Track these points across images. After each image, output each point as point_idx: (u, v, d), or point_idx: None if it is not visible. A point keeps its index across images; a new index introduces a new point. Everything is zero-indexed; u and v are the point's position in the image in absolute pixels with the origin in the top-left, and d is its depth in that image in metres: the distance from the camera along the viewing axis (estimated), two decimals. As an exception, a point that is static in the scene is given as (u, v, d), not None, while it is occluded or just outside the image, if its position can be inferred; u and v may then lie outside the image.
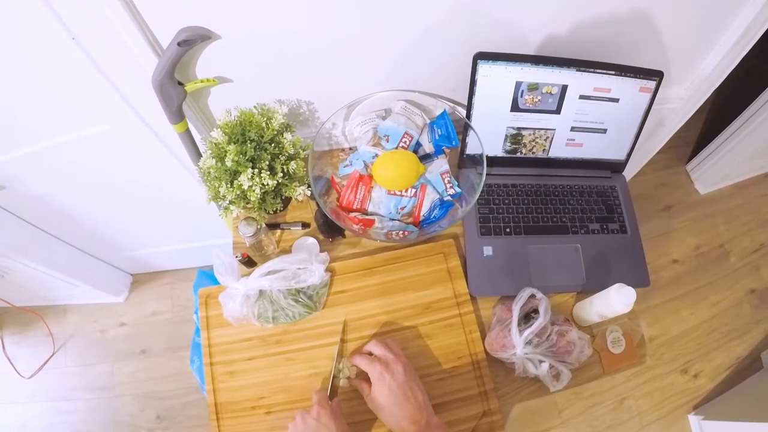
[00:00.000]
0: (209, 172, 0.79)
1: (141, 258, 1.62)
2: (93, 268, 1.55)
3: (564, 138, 0.95)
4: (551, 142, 0.95)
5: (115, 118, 0.89)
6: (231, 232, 0.96)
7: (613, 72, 0.87)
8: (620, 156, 1.00)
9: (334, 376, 0.76)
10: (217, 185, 0.78)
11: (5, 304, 1.48)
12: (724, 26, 0.93)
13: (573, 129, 0.93)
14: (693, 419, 1.60)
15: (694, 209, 1.96)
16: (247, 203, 0.79)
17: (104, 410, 1.58)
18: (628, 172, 1.55)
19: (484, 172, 0.81)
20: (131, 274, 1.75)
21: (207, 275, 1.45)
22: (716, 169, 1.91)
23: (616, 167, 1.01)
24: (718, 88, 1.08)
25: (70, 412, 1.58)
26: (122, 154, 1.02)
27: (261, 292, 0.79)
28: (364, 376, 0.71)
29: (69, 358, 1.64)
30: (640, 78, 0.88)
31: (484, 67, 0.83)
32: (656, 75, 0.88)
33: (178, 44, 0.67)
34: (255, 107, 0.81)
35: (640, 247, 0.94)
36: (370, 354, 0.72)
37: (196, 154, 0.87)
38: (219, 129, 0.77)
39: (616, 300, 0.72)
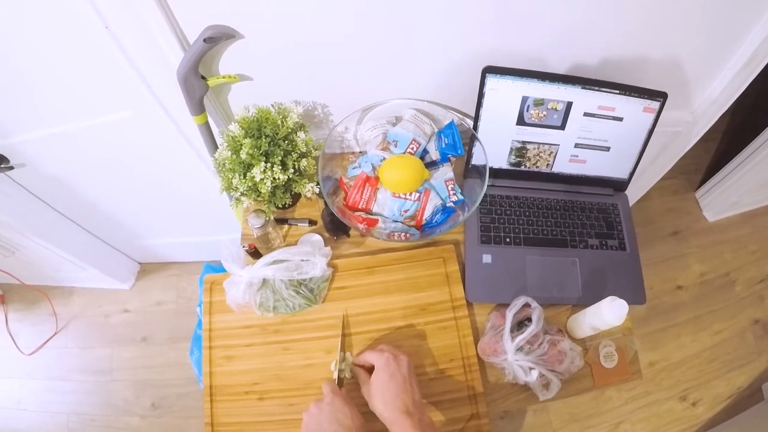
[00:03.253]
0: (224, 164, 0.84)
1: (150, 247, 1.67)
2: (103, 254, 1.60)
3: (568, 154, 0.98)
4: (555, 157, 0.99)
5: (138, 105, 0.94)
6: (240, 224, 1.00)
7: (617, 91, 0.90)
8: (623, 175, 1.03)
9: (340, 369, 0.79)
10: (230, 176, 0.83)
11: (13, 280, 1.54)
12: (730, 52, 0.96)
13: (577, 145, 0.97)
14: None
15: (702, 236, 1.98)
16: (258, 196, 0.83)
17: (100, 393, 1.62)
18: (634, 194, 1.59)
19: (486, 183, 0.85)
20: (139, 263, 1.81)
21: (214, 269, 1.50)
22: (725, 197, 1.93)
23: (618, 185, 1.04)
24: (730, 116, 1.11)
25: (66, 392, 1.63)
26: (142, 143, 1.07)
27: (264, 282, 0.83)
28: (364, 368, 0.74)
29: (70, 339, 1.69)
30: (644, 98, 0.91)
31: (492, 81, 0.87)
32: (660, 96, 0.92)
33: (204, 40, 0.73)
34: (272, 105, 0.86)
35: (637, 264, 0.97)
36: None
37: (213, 146, 0.92)
38: (237, 123, 0.81)
39: (608, 312, 0.74)
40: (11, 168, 1.12)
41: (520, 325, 0.82)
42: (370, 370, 0.72)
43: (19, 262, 1.47)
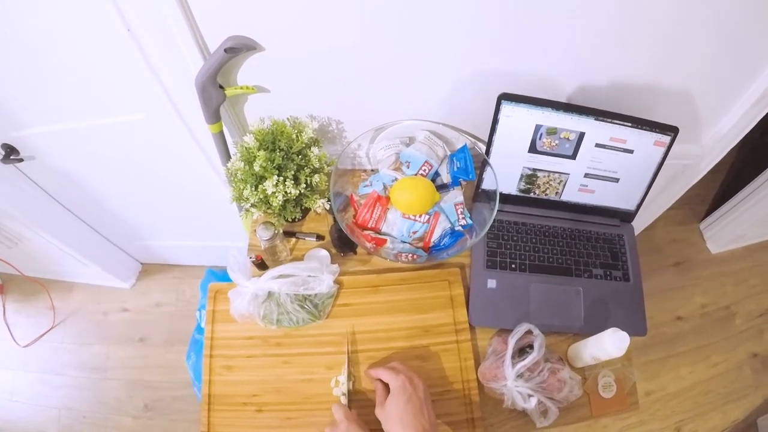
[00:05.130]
0: (236, 174, 0.85)
1: (153, 248, 1.68)
2: (105, 251, 1.61)
3: (577, 183, 1.00)
4: (564, 185, 1.00)
5: (152, 109, 0.96)
6: (248, 234, 1.01)
7: (629, 124, 0.91)
8: (630, 206, 1.04)
9: (349, 391, 0.80)
10: (242, 187, 0.84)
11: (14, 271, 1.54)
12: (742, 88, 0.97)
13: (586, 175, 0.98)
14: None
15: (704, 268, 1.99)
16: (268, 208, 0.84)
17: (93, 390, 1.63)
18: (640, 224, 1.60)
19: (496, 208, 0.86)
20: (141, 263, 1.82)
21: (215, 275, 1.50)
22: (730, 230, 1.94)
23: (625, 217, 1.05)
24: (737, 149, 1.11)
25: (58, 387, 1.63)
26: (152, 145, 1.09)
27: (269, 294, 0.84)
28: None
29: (67, 334, 1.70)
30: (655, 132, 0.93)
31: (507, 108, 0.88)
32: (671, 130, 0.93)
33: (225, 50, 0.74)
34: (288, 119, 0.87)
35: (640, 296, 0.97)
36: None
37: (226, 156, 0.93)
38: (252, 134, 0.83)
39: (610, 343, 0.75)
40: (20, 160, 1.13)
41: (521, 351, 0.82)
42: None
43: (21, 253, 1.48)
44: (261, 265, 0.93)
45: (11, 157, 1.11)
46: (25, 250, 1.47)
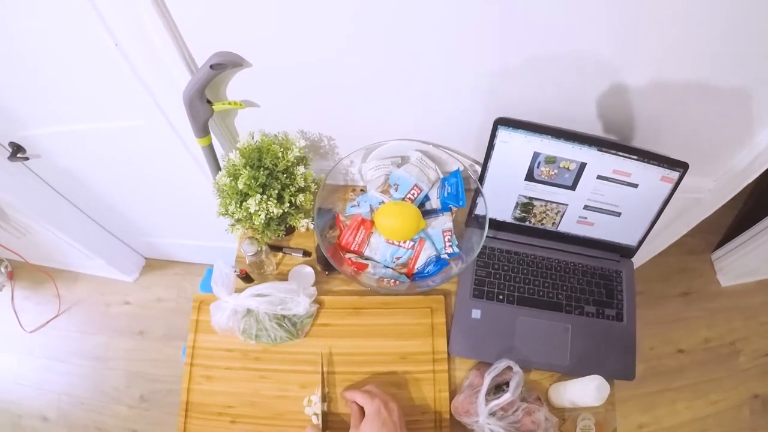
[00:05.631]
0: (223, 189, 0.83)
1: (157, 244, 1.69)
2: (110, 245, 1.63)
3: (576, 215, 0.95)
4: (562, 216, 0.95)
5: (148, 116, 0.95)
6: (237, 246, 1.00)
7: (636, 157, 0.85)
8: (632, 242, 0.99)
9: (323, 411, 0.80)
10: (228, 202, 0.82)
11: (20, 259, 1.57)
12: (760, 125, 0.90)
13: (586, 207, 0.93)
14: None
15: (712, 300, 1.90)
16: (253, 225, 0.83)
17: (93, 379, 1.65)
18: (648, 252, 1.53)
19: (484, 236, 0.82)
20: (145, 258, 1.83)
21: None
22: (743, 263, 1.85)
23: (625, 252, 1.00)
24: (757, 179, 1.04)
25: (61, 374, 1.66)
26: (152, 150, 1.08)
27: (249, 310, 0.83)
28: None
29: (71, 322, 1.72)
30: (663, 167, 0.86)
31: (503, 133, 0.84)
32: (681, 166, 0.86)
33: (211, 66, 0.72)
34: (276, 135, 0.85)
35: (632, 338, 0.92)
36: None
37: (216, 168, 0.92)
38: (238, 151, 0.81)
39: (589, 392, 0.72)
40: (27, 158, 1.14)
41: (497, 388, 0.79)
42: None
43: (29, 243, 1.50)
44: (246, 279, 0.92)
45: (18, 155, 1.12)
46: (33, 241, 1.49)
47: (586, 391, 0.72)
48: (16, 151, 1.11)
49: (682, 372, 1.74)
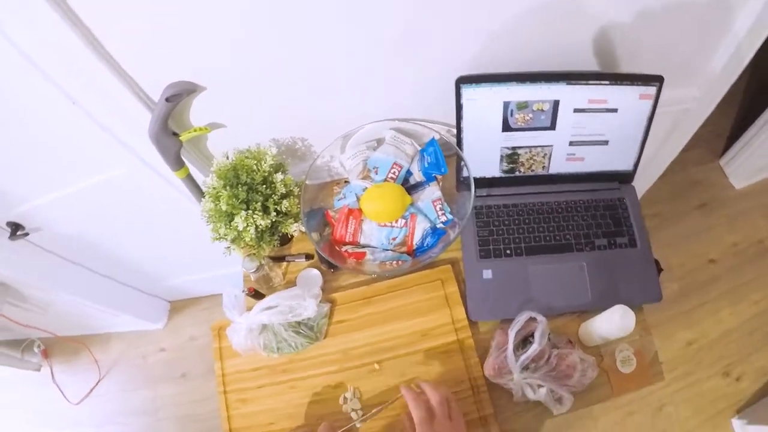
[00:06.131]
0: (210, 214, 0.82)
1: (176, 286, 1.70)
2: (131, 298, 1.64)
3: (563, 153, 0.92)
4: (550, 158, 0.92)
5: (127, 163, 0.95)
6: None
7: (607, 82, 0.83)
8: (627, 166, 0.95)
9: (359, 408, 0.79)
10: (218, 226, 0.81)
11: (49, 335, 1.59)
12: (728, 22, 0.86)
13: (572, 143, 0.90)
14: (737, 423, 1.51)
15: (730, 205, 1.84)
16: (245, 242, 0.82)
17: (147, 432, 1.66)
18: (652, 175, 1.48)
19: (473, 197, 0.80)
20: (169, 301, 1.84)
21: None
22: (752, 162, 1.79)
23: (623, 178, 0.97)
24: (748, 74, 0.99)
25: (116, 437, 1.67)
26: (140, 195, 1.08)
27: (264, 326, 0.82)
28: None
29: (113, 384, 1.74)
30: (638, 85, 0.83)
31: (468, 91, 0.82)
32: (656, 80, 0.83)
33: (167, 99, 0.72)
34: (248, 149, 0.84)
35: (650, 259, 0.89)
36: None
37: (201, 197, 0.91)
38: (213, 174, 0.80)
39: (615, 323, 0.70)
40: (27, 234, 1.15)
41: (525, 342, 0.77)
42: None
43: (54, 317, 1.52)
44: (257, 295, 0.91)
45: (18, 233, 1.13)
46: (57, 313, 1.51)
47: (611, 324, 0.70)
48: (16, 229, 1.12)
49: (717, 281, 1.69)
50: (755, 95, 1.88)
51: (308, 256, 0.94)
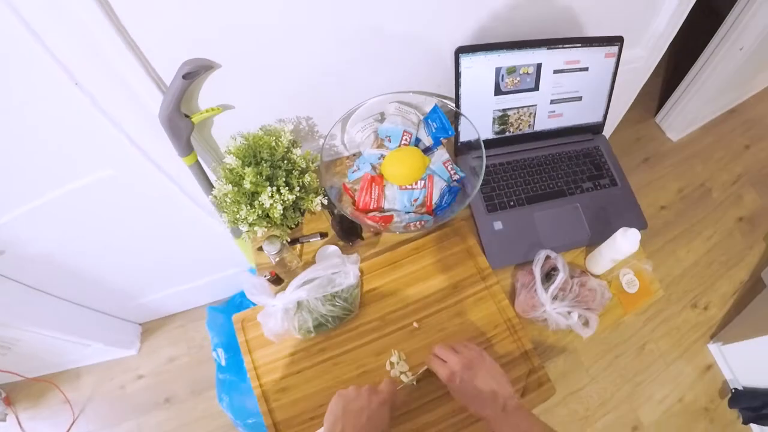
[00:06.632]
0: (225, 199, 0.85)
1: (148, 305, 1.65)
2: (101, 324, 1.57)
3: (546, 111, 1.06)
4: (535, 117, 1.06)
5: (119, 160, 0.94)
6: (249, 256, 1.02)
7: (579, 45, 0.98)
8: (598, 118, 1.12)
9: (401, 372, 0.83)
10: (235, 210, 0.84)
11: (16, 377, 1.48)
12: None
13: (552, 102, 1.05)
14: (713, 347, 1.75)
15: (671, 156, 2.13)
16: (269, 222, 0.86)
17: (137, 468, 1.60)
18: (606, 132, 1.70)
19: (484, 153, 0.90)
20: (140, 324, 1.78)
21: (219, 310, 1.51)
22: (683, 116, 2.08)
23: (595, 129, 1.13)
24: (671, 44, 1.22)
25: (103, 478, 1.59)
26: (127, 198, 1.07)
27: (298, 305, 0.85)
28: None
29: (92, 421, 1.64)
30: (603, 45, 1.00)
31: (465, 60, 0.93)
32: (617, 40, 1.01)
33: (183, 77, 0.73)
34: (260, 129, 0.88)
35: (631, 195, 1.06)
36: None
37: (207, 185, 0.93)
38: (231, 155, 0.83)
39: (623, 242, 0.82)
40: (-13, 260, 1.09)
41: (547, 276, 0.88)
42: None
43: (16, 356, 1.42)
44: (276, 281, 0.94)
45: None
46: (20, 352, 1.41)
47: (620, 244, 0.82)
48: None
49: (670, 224, 1.95)
50: (679, 57, 2.19)
51: (322, 235, 0.99)
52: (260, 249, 0.96)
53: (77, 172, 0.97)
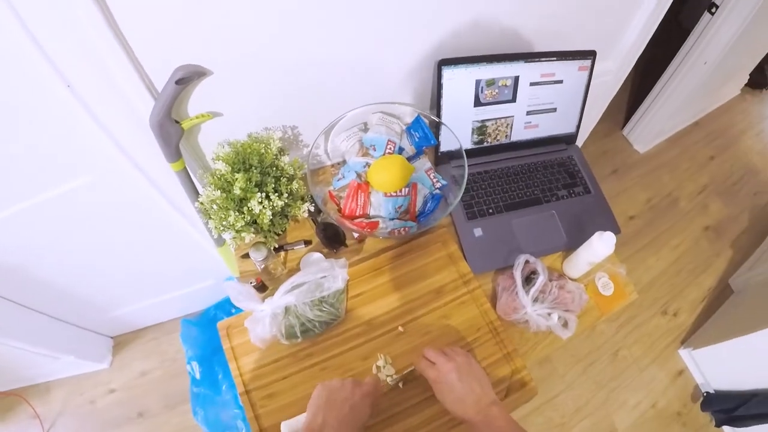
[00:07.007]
0: (213, 205, 0.86)
1: (120, 318, 1.63)
2: (72, 337, 1.54)
3: (522, 122, 1.12)
4: (511, 127, 1.11)
5: (101, 167, 0.94)
6: (234, 266, 1.02)
7: (554, 58, 1.05)
8: (571, 129, 1.18)
9: (387, 375, 0.85)
10: (223, 216, 0.85)
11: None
12: (635, 6, 1.15)
13: (528, 113, 1.11)
14: (684, 353, 1.84)
15: (638, 167, 2.24)
16: (256, 228, 0.87)
17: (109, 486, 1.56)
18: (578, 143, 1.78)
19: (466, 161, 0.95)
20: (111, 337, 1.74)
21: (193, 323, 1.50)
22: (650, 128, 2.19)
23: (569, 139, 1.20)
24: (637, 61, 1.30)
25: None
26: (104, 207, 1.07)
27: (286, 309, 0.86)
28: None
29: (61, 437, 1.60)
30: (578, 59, 1.07)
31: (447, 72, 0.98)
32: (590, 54, 1.08)
33: (176, 83, 0.75)
34: (249, 136, 0.90)
35: (604, 201, 1.12)
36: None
37: (193, 192, 0.94)
38: (221, 161, 0.85)
39: (599, 245, 0.87)
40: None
41: (527, 280, 0.93)
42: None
43: (-19, 370, 1.39)
44: (261, 288, 0.95)
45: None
46: (-16, 365, 1.38)
47: (597, 247, 0.87)
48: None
49: (639, 234, 2.04)
50: (644, 73, 2.31)
51: (307, 242, 1.01)
52: (246, 256, 0.97)
53: (56, 179, 0.96)
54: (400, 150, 1.01)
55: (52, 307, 1.41)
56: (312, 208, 0.92)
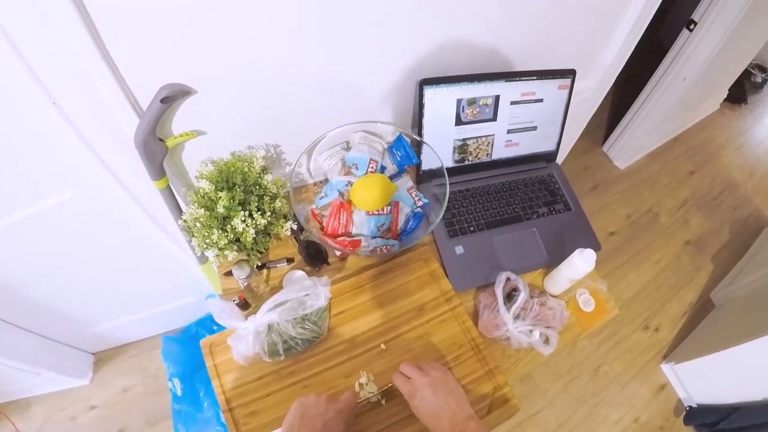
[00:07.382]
0: (196, 223, 0.87)
1: (102, 333, 1.61)
2: (53, 353, 1.52)
3: (503, 141, 1.14)
4: (492, 146, 1.14)
5: (85, 183, 0.94)
6: (217, 284, 1.03)
7: (535, 77, 1.07)
8: (551, 147, 1.21)
9: (369, 393, 0.85)
10: (206, 234, 0.86)
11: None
12: (615, 24, 1.19)
13: (509, 131, 1.13)
14: (666, 367, 1.85)
15: (618, 183, 2.27)
16: (240, 246, 0.88)
17: (88, 504, 1.53)
18: (558, 160, 1.81)
19: (447, 180, 0.96)
20: (92, 353, 1.72)
21: (174, 340, 1.49)
22: (629, 144, 2.24)
23: (549, 157, 1.22)
24: (616, 79, 1.34)
25: None
26: (86, 223, 1.06)
27: (269, 327, 0.87)
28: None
29: (41, 455, 1.57)
30: (557, 78, 1.10)
31: (429, 91, 0.99)
32: (570, 73, 1.11)
33: (161, 101, 0.76)
34: (232, 155, 0.91)
35: (585, 219, 1.14)
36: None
37: (177, 210, 0.95)
38: (204, 179, 0.86)
39: (580, 262, 0.89)
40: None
41: (509, 297, 0.94)
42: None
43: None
44: (244, 305, 0.95)
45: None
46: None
47: (577, 264, 0.89)
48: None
49: (620, 249, 2.07)
50: (622, 92, 2.37)
51: (289, 260, 1.02)
52: (229, 274, 0.97)
53: (39, 195, 0.96)
54: (382, 169, 1.03)
55: (32, 322, 1.39)
56: (295, 227, 0.93)
